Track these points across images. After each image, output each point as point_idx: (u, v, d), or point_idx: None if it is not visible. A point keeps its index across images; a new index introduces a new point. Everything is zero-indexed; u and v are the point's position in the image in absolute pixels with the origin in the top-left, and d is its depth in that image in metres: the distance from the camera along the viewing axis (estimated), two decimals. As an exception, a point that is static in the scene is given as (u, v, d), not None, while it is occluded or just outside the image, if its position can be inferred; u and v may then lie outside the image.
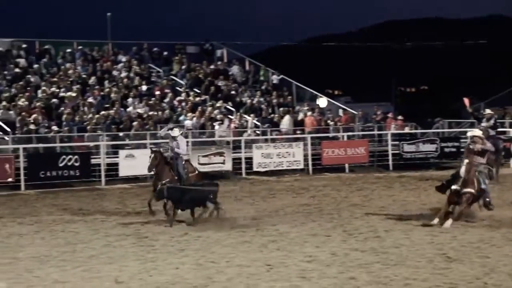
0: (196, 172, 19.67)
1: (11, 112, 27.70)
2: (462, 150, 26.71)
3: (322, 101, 35.83)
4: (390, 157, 30.27)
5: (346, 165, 29.61)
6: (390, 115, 35.27)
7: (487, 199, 17.02)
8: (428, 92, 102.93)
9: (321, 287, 11.24)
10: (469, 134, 18.22)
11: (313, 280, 11.65)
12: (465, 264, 12.55)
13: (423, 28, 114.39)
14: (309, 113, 32.65)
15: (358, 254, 13.55)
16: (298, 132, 31.17)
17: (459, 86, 77.17)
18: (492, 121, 24.57)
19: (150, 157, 18.66)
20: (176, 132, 19.17)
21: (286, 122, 31.78)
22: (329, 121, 32.98)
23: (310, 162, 29.08)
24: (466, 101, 24.80)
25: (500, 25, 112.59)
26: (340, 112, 34.80)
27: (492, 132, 23.59)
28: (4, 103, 28.05)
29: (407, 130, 33.21)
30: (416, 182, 25.36)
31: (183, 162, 19.00)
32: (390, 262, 12.80)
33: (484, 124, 24.04)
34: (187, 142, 23.41)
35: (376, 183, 25.42)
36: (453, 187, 16.71)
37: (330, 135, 31.84)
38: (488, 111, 25.28)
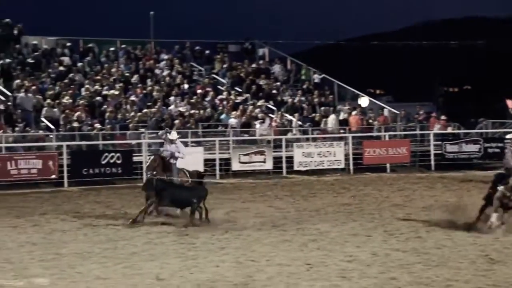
0: (189, 181, 18.82)
1: (55, 109, 28.03)
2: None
3: (364, 101, 35.65)
4: (432, 157, 30.02)
5: (388, 165, 29.44)
6: (433, 114, 34.92)
7: None
8: (472, 92, 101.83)
9: (361, 287, 11.19)
10: (508, 136, 17.90)
11: (353, 280, 11.60)
12: (508, 266, 12.40)
13: (467, 27, 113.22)
14: (353, 113, 32.49)
15: (399, 254, 13.47)
16: (342, 131, 31.01)
17: (503, 86, 76.19)
18: None
19: (149, 159, 18.54)
20: (174, 135, 18.75)
21: (331, 121, 31.62)
22: (370, 121, 32.77)
23: (351, 162, 28.96)
24: (509, 102, 24.50)
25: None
26: (385, 111, 34.57)
27: None
28: (48, 100, 28.38)
29: (450, 130, 32.88)
30: (459, 183, 25.13)
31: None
32: (432, 263, 12.71)
33: None
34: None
35: (417, 184, 25.25)
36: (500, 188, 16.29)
37: (371, 134, 31.63)
38: None
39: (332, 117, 31.80)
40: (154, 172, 17.93)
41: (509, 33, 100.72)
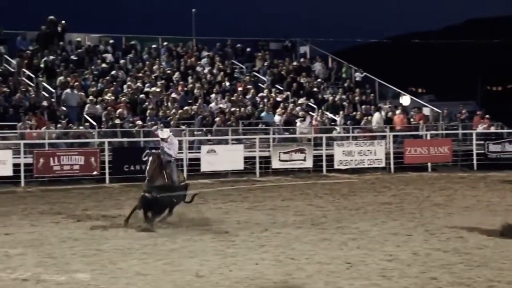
0: (186, 181, 18.36)
1: (98, 106, 28.30)
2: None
3: (405, 99, 35.42)
4: (474, 157, 29.71)
5: (429, 164, 29.20)
6: (478, 113, 34.51)
7: None
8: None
9: (402, 286, 11.11)
10: None
11: (393, 279, 11.53)
12: (552, 267, 12.22)
13: (511, 25, 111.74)
14: (397, 112, 32.27)
15: (440, 254, 13.35)
16: (385, 129, 30.78)
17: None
18: None
19: (148, 160, 17.63)
20: (165, 133, 17.79)
21: (376, 120, 31.43)
22: (411, 119, 32.53)
23: (392, 161, 28.78)
24: None
25: None
26: (425, 110, 34.29)
27: None
28: (91, 97, 28.68)
29: (493, 129, 32.50)
30: (501, 183, 24.83)
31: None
32: (473, 263, 12.57)
33: None
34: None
35: (459, 183, 25.01)
36: None
37: (412, 133, 31.41)
38: None
39: (376, 115, 31.60)
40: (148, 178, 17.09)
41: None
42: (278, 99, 32.41)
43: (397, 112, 32.20)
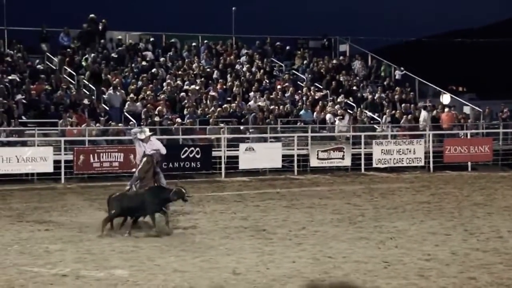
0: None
1: (138, 104, 28.51)
2: None
3: (446, 98, 35.12)
4: (515, 156, 29.38)
5: (469, 163, 28.93)
6: None
7: None
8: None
9: (440, 286, 11.04)
10: None
11: (431, 278, 11.46)
12: None
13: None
14: (446, 109, 32.03)
15: (479, 254, 13.23)
16: (432, 127, 30.48)
17: None
18: None
19: (143, 160, 16.75)
20: (144, 134, 17.05)
21: (424, 118, 31.17)
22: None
23: (431, 159, 28.57)
24: None
25: None
26: (466, 109, 33.97)
27: None
28: (131, 95, 28.91)
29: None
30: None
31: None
32: (513, 263, 12.45)
33: None
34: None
35: (500, 183, 24.75)
36: None
37: (452, 132, 31.13)
38: None
39: (424, 113, 31.31)
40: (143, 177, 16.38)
41: None
42: (317, 97, 32.34)
43: (446, 110, 31.95)
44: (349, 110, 31.34)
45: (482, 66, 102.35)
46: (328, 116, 30.32)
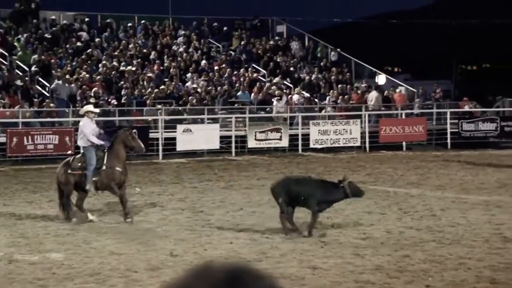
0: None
1: (73, 85, 28.10)
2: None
3: (381, 78, 35.51)
4: (448, 136, 29.89)
5: (404, 143, 29.35)
6: (465, 99, 34.66)
7: None
8: (491, 70, 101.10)
9: (374, 264, 11.21)
10: None
11: (366, 257, 11.63)
12: (522, 245, 12.38)
13: (488, 5, 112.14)
14: (397, 90, 32.45)
15: (413, 232, 13.48)
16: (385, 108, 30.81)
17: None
18: None
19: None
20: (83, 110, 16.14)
21: (373, 99, 31.42)
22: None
23: (367, 140, 28.88)
24: None
25: None
26: (400, 89, 34.41)
27: None
28: (67, 76, 28.47)
29: (467, 108, 32.72)
30: (475, 161, 25.02)
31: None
32: (446, 241, 12.71)
33: None
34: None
35: (433, 162, 25.18)
36: None
37: (387, 112, 31.54)
38: None
39: (373, 94, 31.53)
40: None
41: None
42: (254, 78, 32.37)
43: (397, 90, 32.37)
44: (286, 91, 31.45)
45: (417, 47, 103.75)
46: (296, 97, 30.40)
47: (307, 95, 31.64)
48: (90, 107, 16.38)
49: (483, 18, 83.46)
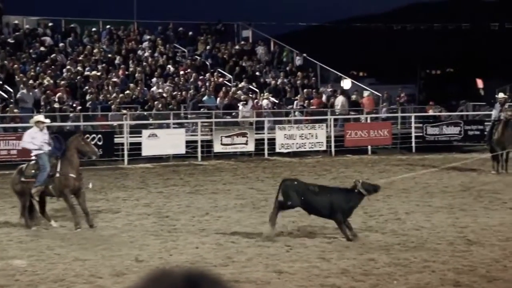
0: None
1: (36, 90, 27.84)
2: (485, 133, 26.55)
3: (346, 83, 35.70)
4: (413, 140, 30.12)
5: (369, 147, 29.52)
6: (431, 103, 35.00)
7: None
8: (455, 75, 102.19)
9: (340, 268, 11.25)
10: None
11: (332, 261, 11.67)
12: (485, 247, 12.51)
13: (452, 10, 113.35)
14: (365, 94, 32.62)
15: (378, 236, 13.55)
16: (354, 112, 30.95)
17: (486, 69, 76.52)
18: (506, 106, 24.17)
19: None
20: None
21: (340, 103, 31.53)
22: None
23: (333, 144, 29.00)
24: (479, 82, 24.54)
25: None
26: (366, 94, 34.62)
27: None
28: (30, 81, 28.19)
29: (431, 112, 33.00)
30: (439, 165, 25.23)
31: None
32: (410, 244, 12.80)
33: (497, 108, 23.60)
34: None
35: (398, 165, 25.34)
36: None
37: (353, 116, 31.71)
38: (501, 95, 24.69)
39: (340, 99, 31.65)
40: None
41: (493, 15, 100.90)
42: (220, 82, 32.35)
43: (365, 95, 32.55)
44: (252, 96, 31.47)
45: (382, 51, 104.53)
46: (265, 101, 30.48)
47: (274, 100, 31.68)
48: (40, 117, 16.04)
49: (446, 22, 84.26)
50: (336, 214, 13.22)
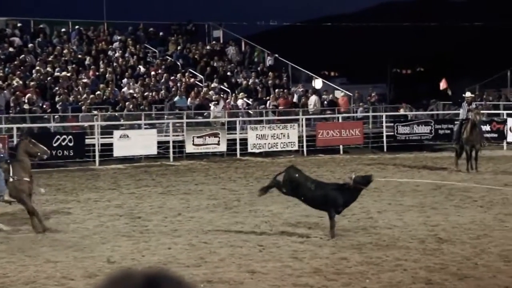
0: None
1: (5, 91, 27.59)
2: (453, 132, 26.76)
3: (318, 83, 35.80)
4: (384, 139, 30.28)
5: (341, 147, 29.62)
6: (403, 104, 35.22)
7: None
8: (425, 74, 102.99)
9: (313, 267, 11.27)
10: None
11: (305, 260, 11.69)
12: (456, 245, 12.59)
13: (421, 9, 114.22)
14: (341, 94, 32.75)
15: (350, 234, 13.59)
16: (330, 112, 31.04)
17: (455, 68, 77.15)
18: (473, 105, 24.40)
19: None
20: None
21: (313, 103, 31.59)
22: (325, 103, 32.93)
23: (304, 143, 29.07)
24: (443, 82, 24.75)
25: (497, 6, 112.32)
26: (337, 93, 34.76)
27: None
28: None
29: (402, 112, 33.22)
30: (410, 164, 25.41)
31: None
32: (382, 243, 12.85)
33: (464, 107, 23.80)
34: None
35: (370, 165, 25.46)
36: None
37: (324, 116, 31.83)
38: (468, 94, 24.89)
39: (313, 98, 31.74)
40: None
41: (462, 15, 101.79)
42: (191, 83, 32.30)
43: (341, 94, 32.71)
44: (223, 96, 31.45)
45: (353, 50, 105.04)
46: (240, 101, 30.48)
47: (247, 101, 31.70)
48: None
49: (417, 22, 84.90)
50: (329, 209, 13.37)
